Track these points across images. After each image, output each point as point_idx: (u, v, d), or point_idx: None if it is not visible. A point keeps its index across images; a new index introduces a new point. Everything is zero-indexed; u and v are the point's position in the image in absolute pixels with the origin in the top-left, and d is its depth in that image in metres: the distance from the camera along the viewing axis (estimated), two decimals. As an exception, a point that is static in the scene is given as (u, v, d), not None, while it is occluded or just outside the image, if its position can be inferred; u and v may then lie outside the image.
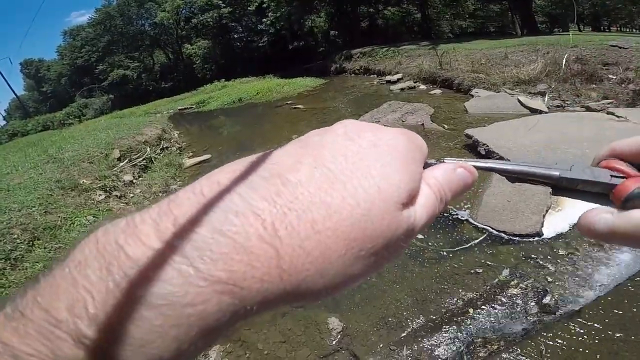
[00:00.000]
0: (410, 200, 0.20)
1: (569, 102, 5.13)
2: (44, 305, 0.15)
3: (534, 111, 4.87)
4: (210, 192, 0.18)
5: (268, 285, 0.16)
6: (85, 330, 0.14)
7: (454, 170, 0.24)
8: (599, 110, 4.46)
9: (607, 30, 21.04)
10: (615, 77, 5.31)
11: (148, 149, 6.41)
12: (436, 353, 1.82)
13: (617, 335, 1.70)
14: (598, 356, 1.64)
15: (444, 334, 1.91)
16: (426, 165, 0.24)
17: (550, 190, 0.26)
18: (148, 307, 0.15)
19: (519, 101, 5.23)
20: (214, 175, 0.19)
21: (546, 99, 5.33)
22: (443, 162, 0.25)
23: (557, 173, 0.23)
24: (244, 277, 0.16)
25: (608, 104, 4.66)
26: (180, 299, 0.15)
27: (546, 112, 4.80)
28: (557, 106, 5.12)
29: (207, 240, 0.16)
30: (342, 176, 0.19)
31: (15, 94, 30.85)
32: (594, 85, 5.33)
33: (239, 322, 0.17)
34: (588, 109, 4.67)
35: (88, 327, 0.15)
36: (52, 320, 0.15)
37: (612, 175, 0.22)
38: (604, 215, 0.23)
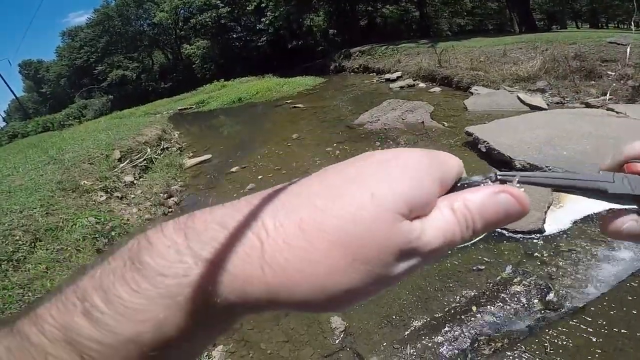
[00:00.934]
0: (411, 213, 0.18)
1: (568, 99, 5.13)
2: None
3: (534, 108, 4.87)
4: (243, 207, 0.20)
5: (249, 272, 0.17)
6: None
7: (494, 195, 0.20)
8: (598, 107, 4.46)
9: (605, 27, 21.01)
10: (614, 74, 5.31)
11: (148, 150, 6.40)
12: (440, 351, 1.82)
13: (622, 331, 1.70)
14: (602, 352, 1.64)
15: (448, 332, 1.91)
16: (464, 185, 0.21)
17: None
18: (145, 280, 0.17)
19: (519, 98, 5.23)
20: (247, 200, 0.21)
21: (546, 95, 5.33)
22: (489, 181, 0.21)
23: (607, 189, 0.22)
24: (229, 261, 0.17)
25: (607, 100, 4.65)
26: (181, 278, 0.18)
27: (546, 109, 4.80)
28: (557, 103, 5.12)
29: (214, 234, 0.18)
30: (340, 186, 0.19)
31: (15, 95, 30.78)
32: (593, 82, 5.33)
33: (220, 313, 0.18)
34: (587, 105, 4.67)
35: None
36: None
37: None
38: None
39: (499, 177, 0.22)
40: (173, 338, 0.17)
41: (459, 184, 0.22)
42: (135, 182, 5.20)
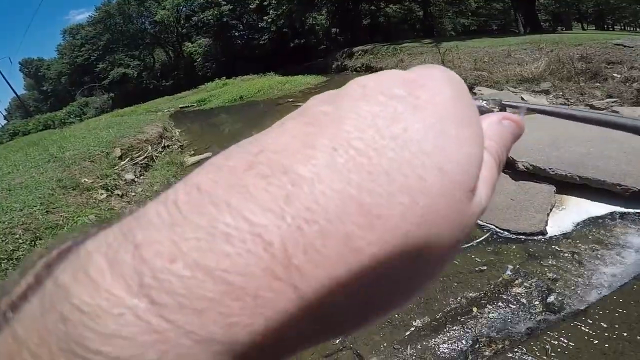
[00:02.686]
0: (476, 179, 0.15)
1: (572, 101, 5.10)
2: None
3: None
4: (187, 203, 0.12)
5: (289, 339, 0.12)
6: None
7: (501, 124, 0.19)
8: (603, 109, 4.43)
9: (611, 29, 20.93)
10: (619, 76, 5.28)
11: (149, 148, 6.40)
12: (440, 352, 1.82)
13: (624, 334, 1.69)
14: (603, 355, 1.63)
15: (448, 333, 1.90)
16: None
17: (555, 189, 0.23)
18: None
19: (522, 99, 5.21)
20: (193, 177, 0.13)
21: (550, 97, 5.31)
22: (497, 107, 0.20)
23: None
24: (249, 331, 0.11)
25: (612, 102, 4.63)
26: None
27: (549, 110, 4.78)
28: (561, 104, 5.09)
29: (184, 280, 0.11)
30: (380, 159, 0.13)
31: (16, 93, 30.91)
32: (598, 84, 5.29)
33: None
34: (592, 107, 4.64)
35: None
36: None
37: None
38: None
39: (504, 103, 0.21)
40: None
41: None
42: (136, 180, 5.20)
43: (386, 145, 0.13)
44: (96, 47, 28.24)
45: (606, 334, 1.71)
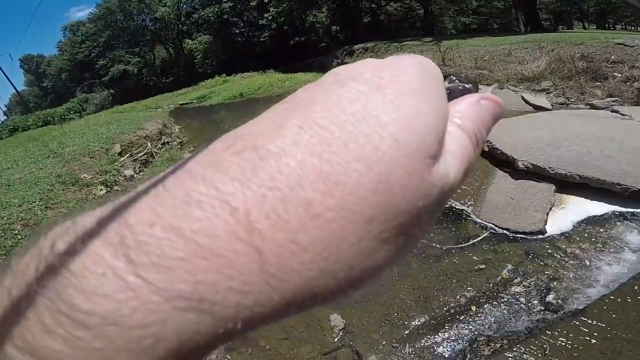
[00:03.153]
0: (441, 149, 0.15)
1: (573, 100, 5.09)
2: None
3: (538, 108, 4.84)
4: (171, 179, 0.14)
5: (253, 297, 0.12)
6: None
7: (479, 104, 0.18)
8: (603, 108, 4.42)
9: (613, 28, 20.86)
10: (620, 75, 5.26)
11: (149, 144, 6.39)
12: (439, 351, 1.82)
13: (622, 334, 1.69)
14: (602, 355, 1.63)
15: (447, 332, 1.90)
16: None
17: (554, 188, 0.23)
18: (81, 328, 0.11)
19: (523, 98, 5.19)
20: (180, 161, 0.15)
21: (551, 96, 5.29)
22: (464, 85, 0.20)
23: None
24: (214, 289, 0.12)
25: (613, 102, 4.62)
26: (125, 318, 0.11)
27: (550, 110, 4.76)
28: (561, 104, 5.07)
29: (160, 241, 0.12)
30: (340, 133, 0.14)
31: (16, 89, 30.70)
32: (598, 83, 5.28)
33: (221, 344, 0.13)
34: (592, 106, 4.63)
35: None
36: None
37: None
38: None
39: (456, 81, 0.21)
40: None
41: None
42: (135, 176, 5.19)
43: (346, 120, 0.14)
44: (96, 43, 28.16)
45: (605, 334, 1.71)
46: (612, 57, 5.72)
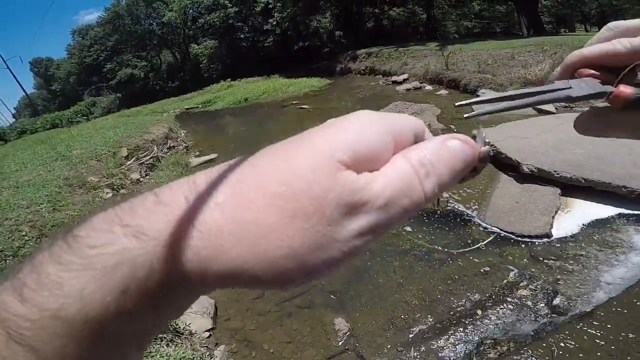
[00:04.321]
0: (357, 165, 0.17)
1: (577, 103, 5.07)
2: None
3: (542, 112, 4.82)
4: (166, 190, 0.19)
5: (182, 242, 0.16)
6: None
7: (444, 144, 0.20)
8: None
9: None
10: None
11: (155, 148, 6.45)
12: (444, 355, 1.81)
13: (630, 336, 1.67)
14: (610, 357, 1.61)
15: (452, 336, 1.89)
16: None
17: (560, 191, 0.26)
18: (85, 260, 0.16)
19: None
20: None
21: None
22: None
23: (568, 93, 0.25)
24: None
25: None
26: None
27: (554, 113, 4.75)
28: (565, 107, 5.06)
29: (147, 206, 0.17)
30: (288, 146, 0.18)
31: (25, 92, 31.24)
32: (603, 86, 5.26)
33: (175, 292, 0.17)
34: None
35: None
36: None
37: (602, 83, 0.25)
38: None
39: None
40: (103, 314, 0.16)
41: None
42: (141, 179, 5.24)
43: (296, 139, 0.19)
44: (104, 47, 28.55)
45: (612, 336, 1.70)
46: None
